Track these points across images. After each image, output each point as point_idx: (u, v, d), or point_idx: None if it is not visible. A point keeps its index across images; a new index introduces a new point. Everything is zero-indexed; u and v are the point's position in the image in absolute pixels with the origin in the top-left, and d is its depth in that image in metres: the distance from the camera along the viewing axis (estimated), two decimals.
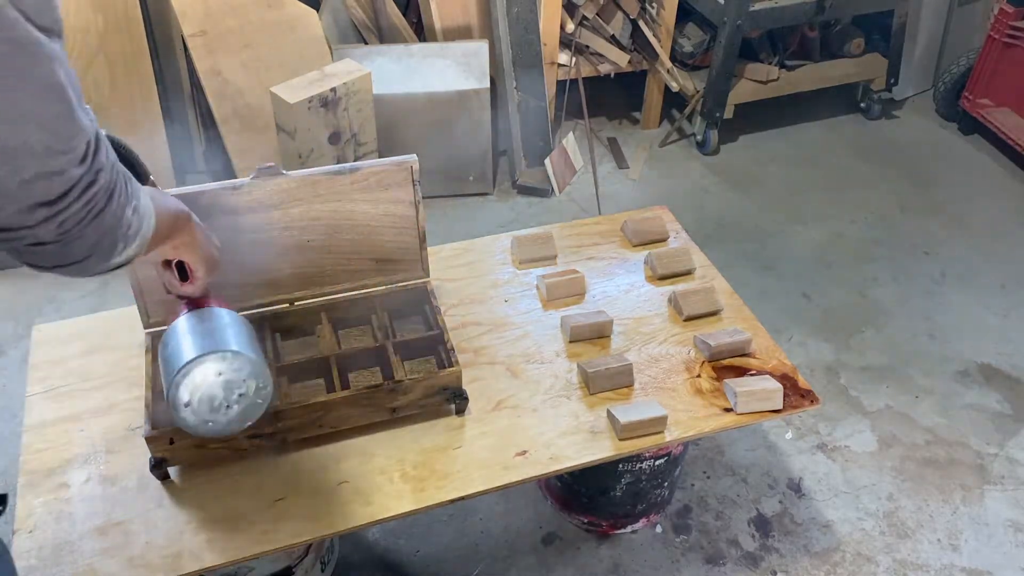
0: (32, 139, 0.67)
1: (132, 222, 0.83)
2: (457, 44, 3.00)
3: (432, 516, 1.96)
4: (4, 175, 0.66)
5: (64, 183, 0.71)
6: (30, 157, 0.67)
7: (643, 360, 1.61)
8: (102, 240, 0.79)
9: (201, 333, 1.14)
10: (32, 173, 0.68)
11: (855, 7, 3.31)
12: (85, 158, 0.72)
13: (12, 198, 0.68)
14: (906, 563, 1.94)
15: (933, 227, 3.01)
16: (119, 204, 0.79)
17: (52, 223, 0.72)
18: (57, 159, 0.69)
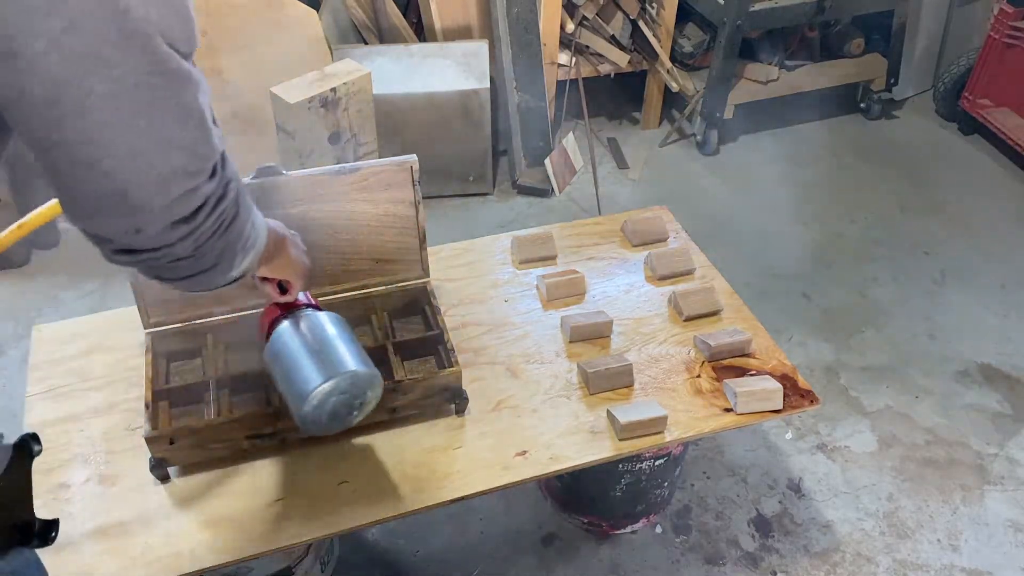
0: (176, 163, 0.71)
1: (251, 234, 0.87)
2: (457, 44, 3.00)
3: (432, 516, 1.96)
4: (151, 196, 0.70)
5: (199, 199, 0.74)
6: (174, 179, 0.71)
7: (643, 360, 1.61)
8: (226, 251, 0.82)
9: (316, 351, 1.18)
10: (175, 194, 0.72)
11: (855, 7, 3.30)
12: (215, 173, 0.76)
13: (156, 218, 0.72)
14: (906, 563, 1.94)
15: (933, 227, 3.01)
16: (243, 217, 0.83)
17: (189, 239, 0.76)
18: (194, 178, 0.73)
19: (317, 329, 1.21)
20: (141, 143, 0.68)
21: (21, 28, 0.59)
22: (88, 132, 0.65)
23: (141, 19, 0.64)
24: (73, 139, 0.65)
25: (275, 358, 1.22)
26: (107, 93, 0.64)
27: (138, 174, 0.69)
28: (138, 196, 0.70)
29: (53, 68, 0.61)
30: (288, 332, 1.21)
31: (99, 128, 0.65)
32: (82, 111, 0.64)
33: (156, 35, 0.65)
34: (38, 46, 0.60)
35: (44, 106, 0.63)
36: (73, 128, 0.65)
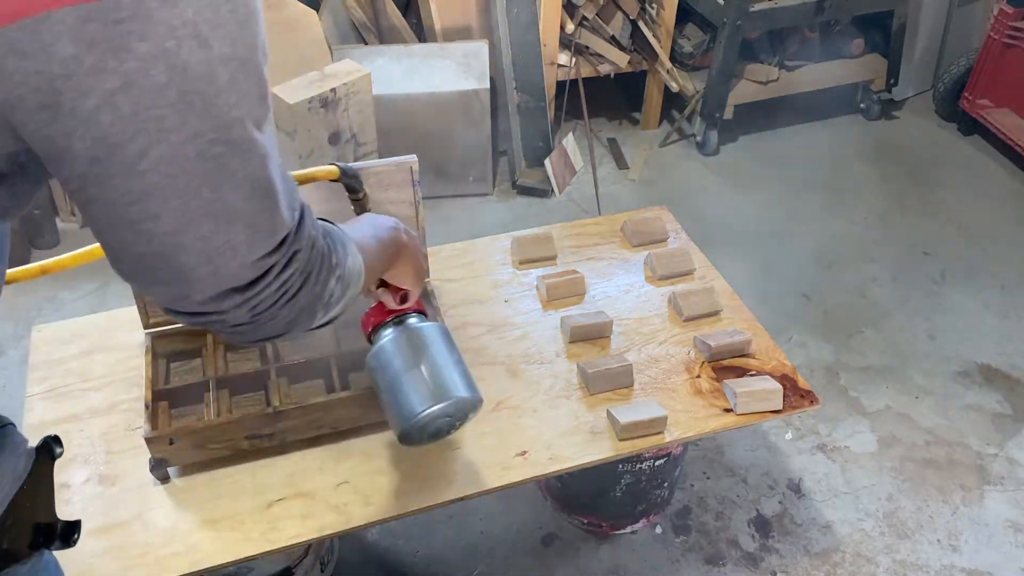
0: (236, 238, 0.65)
1: (335, 291, 0.80)
2: (457, 44, 3.00)
3: (432, 517, 1.96)
4: (197, 267, 0.65)
5: (256, 270, 0.69)
6: (231, 252, 0.66)
7: (643, 360, 1.61)
8: (299, 316, 0.76)
9: (426, 370, 1.15)
10: (229, 269, 0.67)
11: (855, 7, 3.30)
12: (281, 245, 0.70)
13: (203, 286, 0.67)
14: (906, 564, 1.94)
15: (933, 227, 3.01)
16: (318, 282, 0.76)
17: (243, 308, 0.70)
18: (255, 250, 0.67)
19: (427, 345, 1.17)
20: (196, 214, 0.62)
21: (69, 84, 0.55)
22: (135, 194, 0.60)
23: (202, 78, 0.58)
24: (117, 199, 0.60)
25: (381, 369, 1.18)
26: (161, 157, 0.59)
27: (189, 244, 0.64)
28: (184, 265, 0.65)
29: (104, 128, 0.57)
30: (397, 345, 1.17)
31: (149, 192, 0.60)
32: (131, 173, 0.59)
33: (221, 104, 0.60)
34: (88, 104, 0.56)
35: (88, 163, 0.58)
36: (118, 188, 0.60)
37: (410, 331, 1.18)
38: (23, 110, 0.56)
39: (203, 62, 0.58)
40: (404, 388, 1.14)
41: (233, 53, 0.60)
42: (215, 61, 0.59)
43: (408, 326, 1.19)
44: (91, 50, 0.54)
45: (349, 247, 0.85)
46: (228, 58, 0.60)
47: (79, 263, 1.12)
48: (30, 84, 0.55)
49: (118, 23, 0.54)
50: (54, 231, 2.76)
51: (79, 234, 2.79)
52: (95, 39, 0.54)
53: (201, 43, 0.57)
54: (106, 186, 0.60)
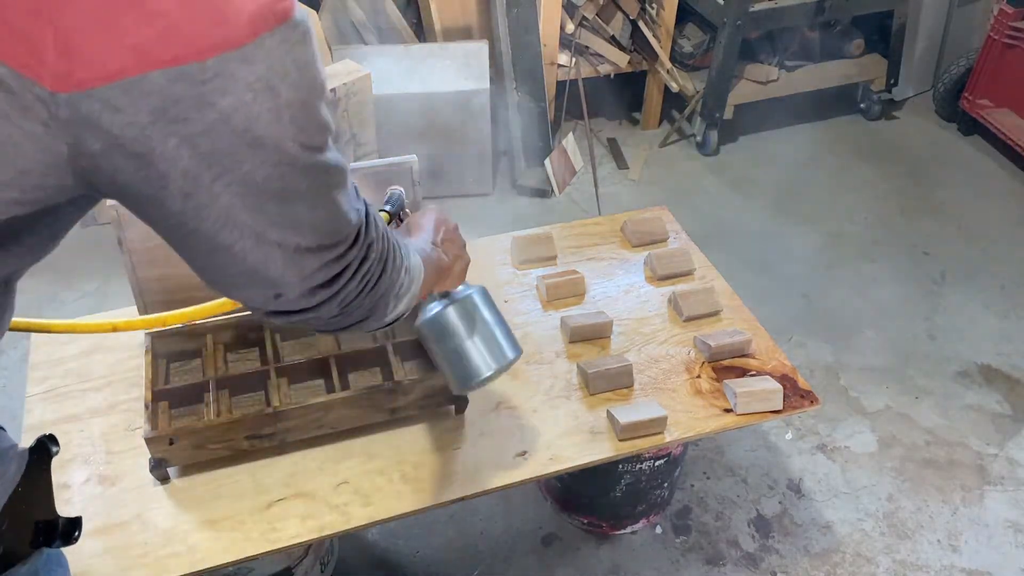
0: (307, 241, 0.74)
1: (404, 282, 0.90)
2: (457, 44, 3.00)
3: (432, 517, 1.96)
4: (284, 271, 0.74)
5: (338, 267, 0.78)
6: (308, 255, 0.75)
7: (643, 361, 1.61)
8: (377, 304, 0.86)
9: (479, 337, 1.25)
10: (310, 269, 0.76)
11: (855, 7, 3.30)
12: (356, 240, 0.79)
13: (294, 288, 0.76)
14: (906, 564, 1.94)
15: (933, 227, 3.01)
16: (394, 269, 0.87)
17: (333, 302, 0.80)
18: (330, 251, 0.77)
19: (476, 312, 1.26)
20: (270, 226, 0.71)
21: (155, 128, 0.62)
22: (221, 219, 0.69)
23: (272, 123, 0.66)
24: (211, 227, 0.69)
25: (436, 337, 1.27)
26: (233, 181, 0.67)
27: (270, 253, 0.73)
28: (272, 272, 0.74)
29: (186, 162, 0.64)
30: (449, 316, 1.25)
31: (229, 213, 0.68)
32: (212, 198, 0.67)
33: (286, 138, 0.68)
34: (172, 143, 0.63)
35: (182, 199, 0.66)
36: (210, 217, 0.68)
37: (460, 301, 1.25)
38: (118, 159, 0.63)
39: (272, 109, 0.66)
40: (463, 355, 1.25)
41: (296, 97, 0.67)
42: (282, 106, 0.66)
43: (455, 297, 1.26)
44: (177, 104, 0.62)
45: (409, 248, 0.95)
46: (291, 102, 0.67)
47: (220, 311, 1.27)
48: (125, 135, 0.62)
49: (203, 83, 0.62)
50: None
51: (79, 234, 2.79)
52: (181, 96, 0.61)
53: (272, 93, 0.65)
54: (201, 217, 0.68)
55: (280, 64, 0.65)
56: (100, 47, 0.58)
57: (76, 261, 2.69)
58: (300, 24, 0.66)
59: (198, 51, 0.61)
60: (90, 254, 2.72)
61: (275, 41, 0.64)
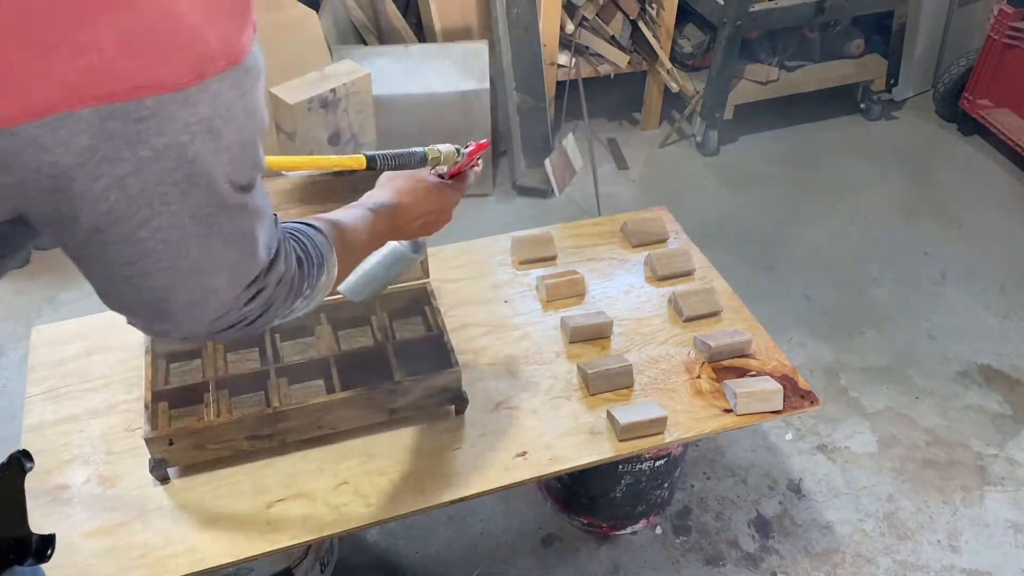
0: (218, 283, 0.73)
1: (297, 308, 0.88)
2: (457, 44, 2.99)
3: (432, 517, 1.96)
4: (185, 312, 0.72)
5: (235, 316, 0.77)
6: (212, 296, 0.73)
7: (643, 361, 1.61)
8: (256, 330, 0.83)
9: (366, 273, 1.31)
10: (211, 315, 0.75)
11: (855, 8, 3.30)
12: (252, 284, 0.77)
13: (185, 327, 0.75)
14: (906, 564, 1.94)
15: (933, 227, 3.01)
16: (277, 311, 0.83)
17: (231, 331, 0.79)
18: (232, 291, 0.75)
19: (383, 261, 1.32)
20: (185, 271, 0.69)
21: (82, 170, 0.59)
22: (132, 257, 0.66)
23: (208, 164, 0.64)
24: (114, 260, 0.66)
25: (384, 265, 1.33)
26: (160, 227, 0.64)
27: (175, 296, 0.71)
28: (170, 311, 0.72)
29: (110, 204, 0.62)
30: None
31: (145, 255, 0.66)
32: (131, 240, 0.64)
33: (221, 179, 0.66)
34: (97, 186, 0.60)
35: (90, 232, 0.63)
36: (118, 252, 0.65)
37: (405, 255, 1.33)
38: (34, 195, 0.61)
39: (212, 151, 0.64)
40: None
41: (238, 139, 0.66)
42: (222, 149, 0.64)
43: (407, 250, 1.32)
44: (107, 142, 0.59)
45: (328, 260, 0.92)
46: (233, 144, 0.65)
47: None
48: (43, 172, 0.59)
49: (138, 121, 0.59)
50: None
51: None
52: (113, 133, 0.58)
53: (213, 135, 0.63)
54: (106, 249, 0.65)
55: (226, 108, 0.63)
56: (27, 81, 0.55)
57: None
58: (252, 68, 0.65)
59: (134, 88, 0.58)
60: None
61: (224, 85, 0.62)
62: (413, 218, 1.16)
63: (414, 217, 1.16)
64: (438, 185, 1.19)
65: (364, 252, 1.08)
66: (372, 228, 1.07)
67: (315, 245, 0.89)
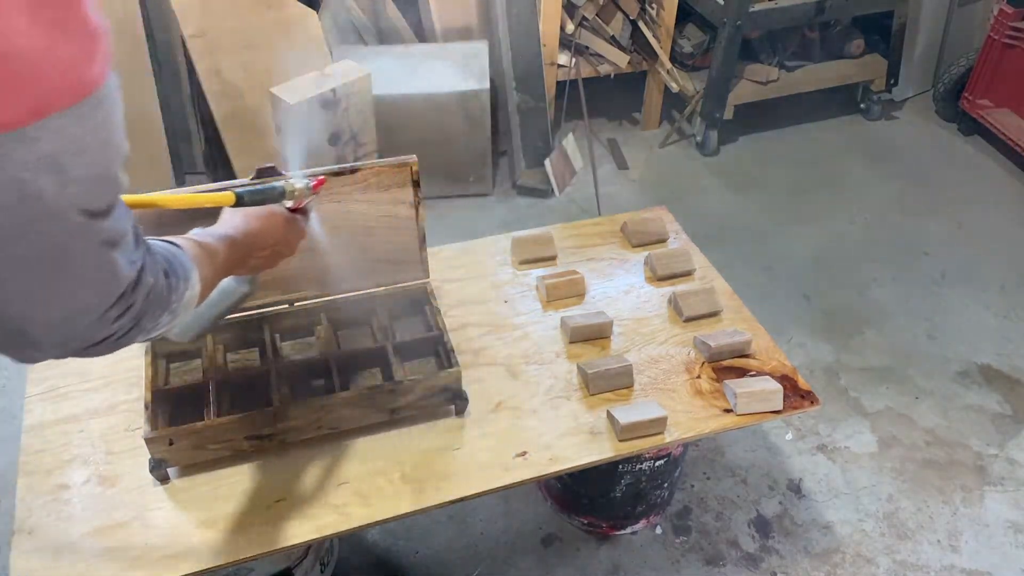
0: (79, 304, 0.72)
1: (163, 322, 0.86)
2: (457, 44, 3.00)
3: (432, 517, 1.96)
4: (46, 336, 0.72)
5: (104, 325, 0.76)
6: (76, 316, 0.73)
7: (643, 361, 1.61)
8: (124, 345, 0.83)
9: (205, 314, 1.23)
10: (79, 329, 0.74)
11: (855, 8, 3.31)
12: (120, 299, 0.76)
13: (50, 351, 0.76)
14: (906, 564, 1.94)
15: (933, 227, 3.01)
16: (147, 324, 0.83)
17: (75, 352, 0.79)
18: (101, 307, 0.74)
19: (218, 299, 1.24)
20: (42, 296, 0.68)
21: None
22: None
23: (53, 199, 0.63)
24: None
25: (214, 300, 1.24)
26: (11, 257, 0.64)
27: (37, 320, 0.70)
28: (35, 336, 0.72)
29: None
30: None
31: None
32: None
33: (71, 211, 0.65)
34: None
35: None
36: None
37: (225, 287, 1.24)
38: None
39: (57, 185, 0.62)
40: None
41: (88, 173, 0.64)
42: (68, 181, 0.63)
43: None
44: None
45: (191, 278, 0.91)
46: (83, 178, 0.64)
47: None
48: None
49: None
50: None
51: None
52: None
53: (57, 171, 0.62)
54: None
55: (73, 142, 0.63)
56: None
57: None
58: (106, 98, 0.64)
59: None
60: None
61: (68, 120, 0.61)
62: (263, 247, 1.16)
63: (264, 247, 1.16)
64: (288, 217, 1.20)
65: (219, 276, 1.07)
66: (227, 252, 1.07)
67: (179, 260, 0.89)
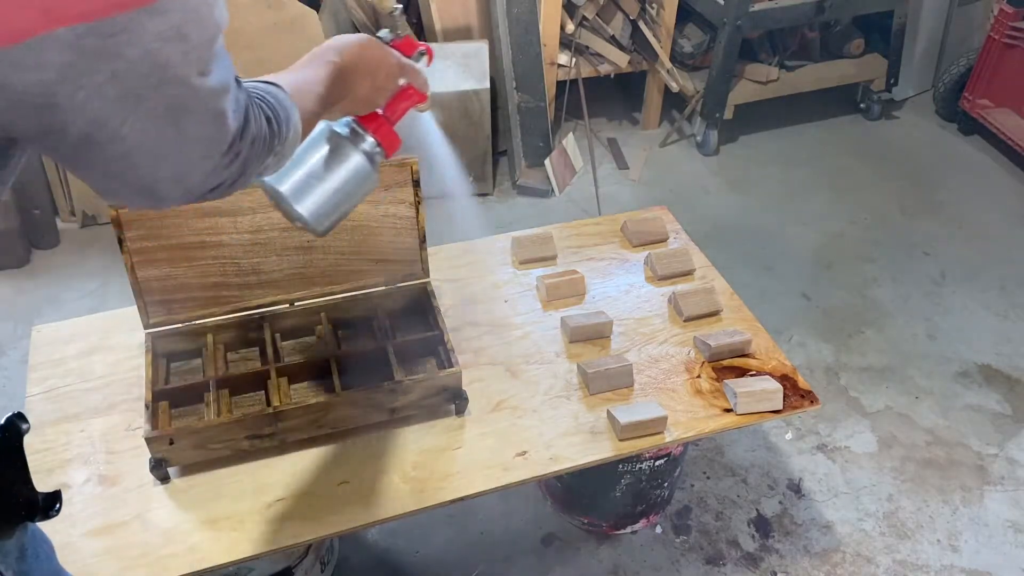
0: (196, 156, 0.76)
1: (269, 165, 0.89)
2: (457, 44, 3.00)
3: (432, 517, 1.96)
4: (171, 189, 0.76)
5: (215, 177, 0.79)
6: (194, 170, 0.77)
7: (643, 361, 1.61)
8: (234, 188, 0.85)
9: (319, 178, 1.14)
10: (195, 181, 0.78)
11: (855, 8, 3.31)
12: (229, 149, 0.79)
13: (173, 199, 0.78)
14: (906, 564, 1.94)
15: (933, 227, 3.01)
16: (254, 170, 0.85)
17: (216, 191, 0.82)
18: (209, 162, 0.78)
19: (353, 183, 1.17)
20: (166, 151, 0.73)
21: (63, 84, 0.63)
22: (120, 154, 0.70)
23: (179, 65, 0.68)
24: (106, 159, 0.71)
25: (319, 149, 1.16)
26: (138, 121, 0.69)
27: (163, 174, 0.75)
28: (160, 189, 0.76)
29: (94, 111, 0.66)
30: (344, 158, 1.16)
31: (131, 150, 0.70)
32: (115, 138, 0.69)
33: (192, 74, 0.70)
34: (79, 96, 0.64)
35: (79, 139, 0.68)
36: (106, 152, 0.70)
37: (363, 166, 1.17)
38: (23, 114, 0.65)
39: (180, 53, 0.68)
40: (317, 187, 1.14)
41: (204, 37, 0.70)
42: (191, 48, 0.68)
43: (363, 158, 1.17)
44: (83, 56, 0.63)
45: (292, 116, 0.92)
46: (200, 43, 0.69)
47: None
48: (30, 91, 0.63)
49: (111, 36, 0.63)
50: (54, 231, 2.76)
51: (79, 234, 2.79)
52: (87, 49, 0.62)
53: (182, 39, 0.67)
54: (95, 152, 0.70)
55: (194, 11, 0.67)
56: (5, 8, 0.59)
57: (76, 261, 2.69)
58: None
59: (107, 7, 0.61)
60: (90, 254, 2.72)
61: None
62: (364, 75, 1.11)
63: (365, 74, 1.11)
64: (381, 45, 1.15)
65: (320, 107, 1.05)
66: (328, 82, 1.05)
67: (279, 101, 0.91)
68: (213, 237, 1.47)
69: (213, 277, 1.50)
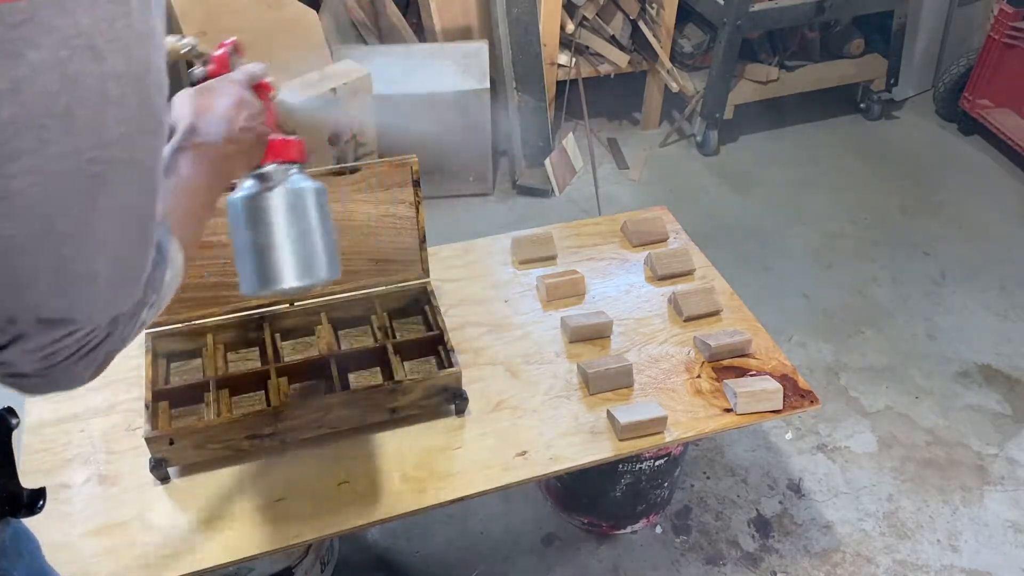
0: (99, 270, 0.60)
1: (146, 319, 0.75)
2: (457, 44, 3.00)
3: (432, 517, 1.96)
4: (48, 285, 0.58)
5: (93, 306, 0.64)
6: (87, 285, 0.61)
7: (643, 361, 1.61)
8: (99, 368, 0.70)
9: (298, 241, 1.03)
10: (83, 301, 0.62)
11: (855, 8, 3.31)
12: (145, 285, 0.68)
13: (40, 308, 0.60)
14: (906, 564, 1.94)
15: (933, 227, 3.01)
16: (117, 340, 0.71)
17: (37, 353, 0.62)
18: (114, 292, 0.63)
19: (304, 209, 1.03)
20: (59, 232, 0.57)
21: None
22: None
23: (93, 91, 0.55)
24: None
25: (247, 222, 1.03)
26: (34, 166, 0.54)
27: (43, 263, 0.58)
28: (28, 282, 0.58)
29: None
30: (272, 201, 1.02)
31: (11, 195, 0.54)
32: None
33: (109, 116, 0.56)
34: None
35: None
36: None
37: (292, 190, 1.03)
38: None
39: (95, 75, 0.54)
40: (272, 252, 1.02)
41: (127, 70, 0.56)
42: (107, 76, 0.55)
43: (283, 181, 1.03)
44: None
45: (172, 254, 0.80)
46: (121, 75, 0.56)
47: None
48: None
49: (12, 27, 0.50)
50: None
51: None
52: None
53: (95, 56, 0.54)
54: None
55: (108, 24, 0.54)
56: None
57: None
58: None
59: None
60: None
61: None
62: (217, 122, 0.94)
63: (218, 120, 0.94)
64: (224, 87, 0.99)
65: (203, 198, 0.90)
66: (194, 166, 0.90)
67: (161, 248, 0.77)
68: (213, 237, 1.47)
69: (213, 277, 1.50)
